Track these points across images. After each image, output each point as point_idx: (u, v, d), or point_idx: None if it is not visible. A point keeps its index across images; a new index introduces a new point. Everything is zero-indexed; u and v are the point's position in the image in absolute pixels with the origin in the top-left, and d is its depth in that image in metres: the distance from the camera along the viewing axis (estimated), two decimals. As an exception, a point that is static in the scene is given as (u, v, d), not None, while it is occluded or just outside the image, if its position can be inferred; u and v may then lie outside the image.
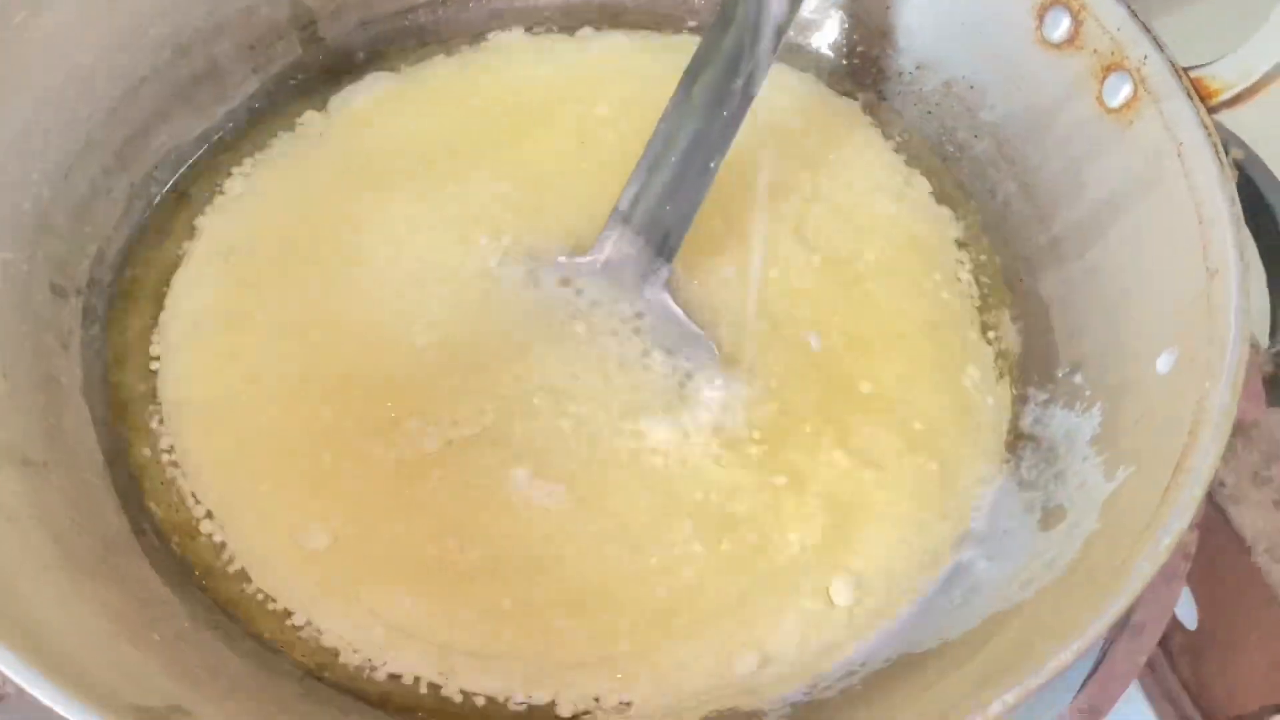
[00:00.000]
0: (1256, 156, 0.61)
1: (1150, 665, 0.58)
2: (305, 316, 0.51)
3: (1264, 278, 0.60)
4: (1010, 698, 0.34)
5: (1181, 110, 0.46)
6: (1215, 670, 0.56)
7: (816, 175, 0.56)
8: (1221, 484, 0.53)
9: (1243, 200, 0.61)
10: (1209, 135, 0.45)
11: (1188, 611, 0.57)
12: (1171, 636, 0.58)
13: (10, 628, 0.36)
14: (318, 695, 0.44)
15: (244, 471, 0.48)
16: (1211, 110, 0.46)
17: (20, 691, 0.35)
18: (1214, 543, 0.53)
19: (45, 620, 0.38)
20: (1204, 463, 0.39)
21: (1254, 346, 0.56)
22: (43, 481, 0.44)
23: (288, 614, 0.46)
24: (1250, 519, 0.52)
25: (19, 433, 0.44)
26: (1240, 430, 0.53)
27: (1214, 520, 0.53)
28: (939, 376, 0.51)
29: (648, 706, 0.44)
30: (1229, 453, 0.53)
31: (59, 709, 0.34)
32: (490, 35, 0.61)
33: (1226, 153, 0.60)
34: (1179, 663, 0.57)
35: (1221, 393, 0.40)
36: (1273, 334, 0.57)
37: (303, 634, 0.45)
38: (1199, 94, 0.47)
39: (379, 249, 0.53)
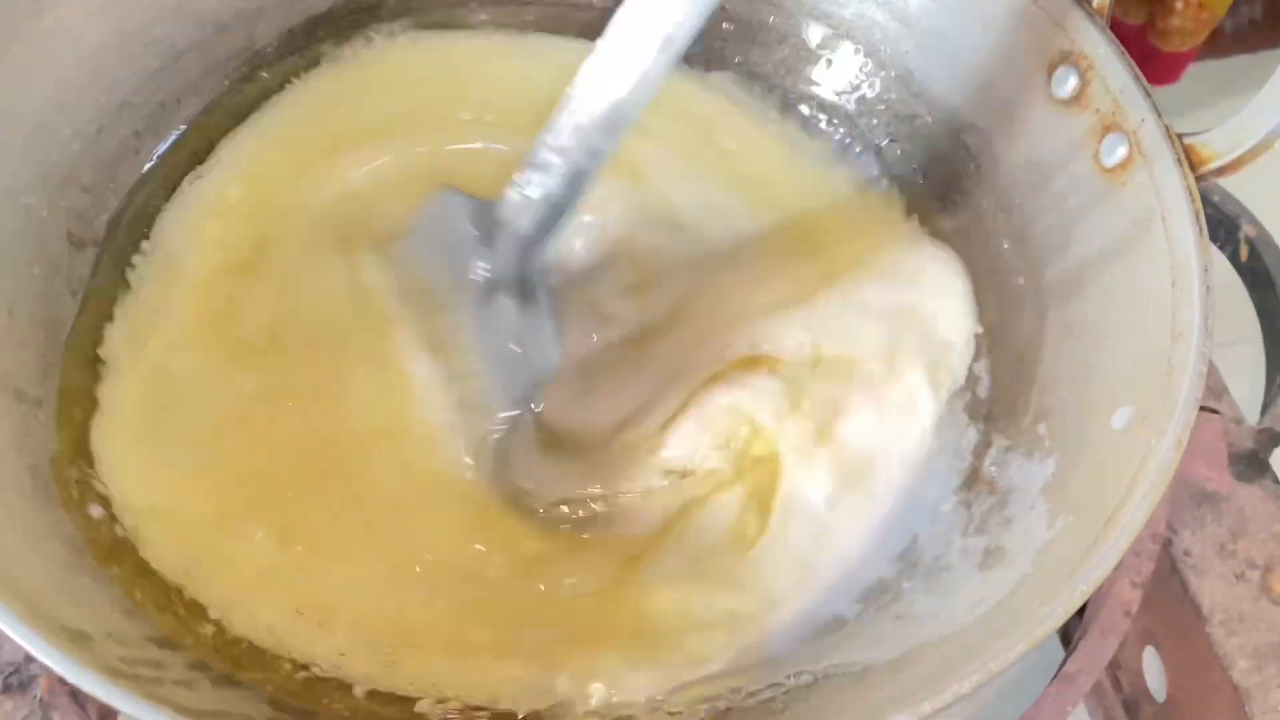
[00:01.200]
0: (1268, 234, 0.62)
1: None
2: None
3: (1263, 356, 0.60)
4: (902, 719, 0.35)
5: (1170, 175, 0.47)
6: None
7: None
8: (1187, 554, 0.53)
9: (1250, 276, 0.62)
10: (1192, 202, 0.46)
11: (1158, 683, 0.56)
12: (1140, 707, 0.58)
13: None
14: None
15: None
16: (1200, 178, 0.47)
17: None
18: (1183, 614, 0.53)
19: (10, 545, 0.40)
20: (1135, 516, 0.39)
21: (1238, 422, 0.56)
22: (31, 417, 0.46)
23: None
24: (1210, 590, 0.52)
25: (14, 365, 0.47)
26: (1210, 502, 0.54)
27: (1180, 590, 0.53)
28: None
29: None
30: (1197, 524, 0.54)
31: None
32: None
33: (1238, 227, 0.61)
34: (1148, 734, 0.57)
35: (1165, 451, 0.41)
36: (1263, 412, 0.57)
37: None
38: (1190, 161, 0.47)
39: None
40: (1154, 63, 0.77)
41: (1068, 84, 0.52)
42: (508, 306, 0.50)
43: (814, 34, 0.61)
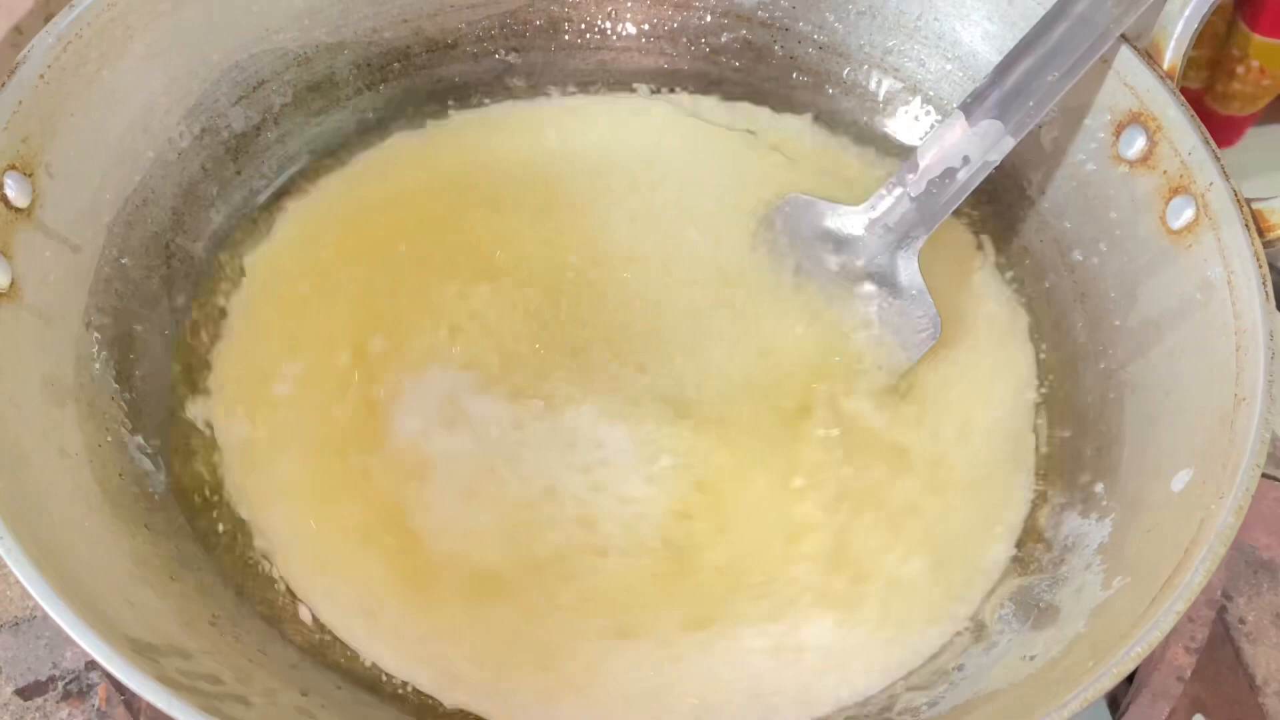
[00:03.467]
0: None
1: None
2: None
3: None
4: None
5: (1238, 240, 0.47)
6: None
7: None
8: (1242, 621, 0.52)
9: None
10: (1260, 267, 0.46)
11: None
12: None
13: (42, 556, 0.39)
14: (313, 666, 0.46)
15: (276, 464, 0.51)
16: (1267, 244, 0.47)
17: (46, 616, 0.39)
18: (1235, 683, 0.52)
19: (76, 555, 0.41)
20: (1193, 581, 0.39)
21: (1298, 489, 0.56)
22: (102, 429, 0.47)
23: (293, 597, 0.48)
24: (1264, 660, 0.51)
25: (90, 378, 0.48)
26: (1268, 570, 0.53)
27: (1233, 658, 0.52)
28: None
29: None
30: (1253, 591, 0.53)
31: (66, 628, 0.37)
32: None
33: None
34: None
35: (1225, 515, 0.40)
36: (1324, 480, 0.56)
37: (302, 615, 0.48)
38: (1257, 226, 0.47)
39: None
40: (1212, 125, 0.77)
41: (1135, 144, 0.52)
42: (872, 294, 0.55)
43: (886, 88, 0.62)
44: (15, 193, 0.46)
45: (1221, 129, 0.78)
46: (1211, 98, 0.77)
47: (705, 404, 0.54)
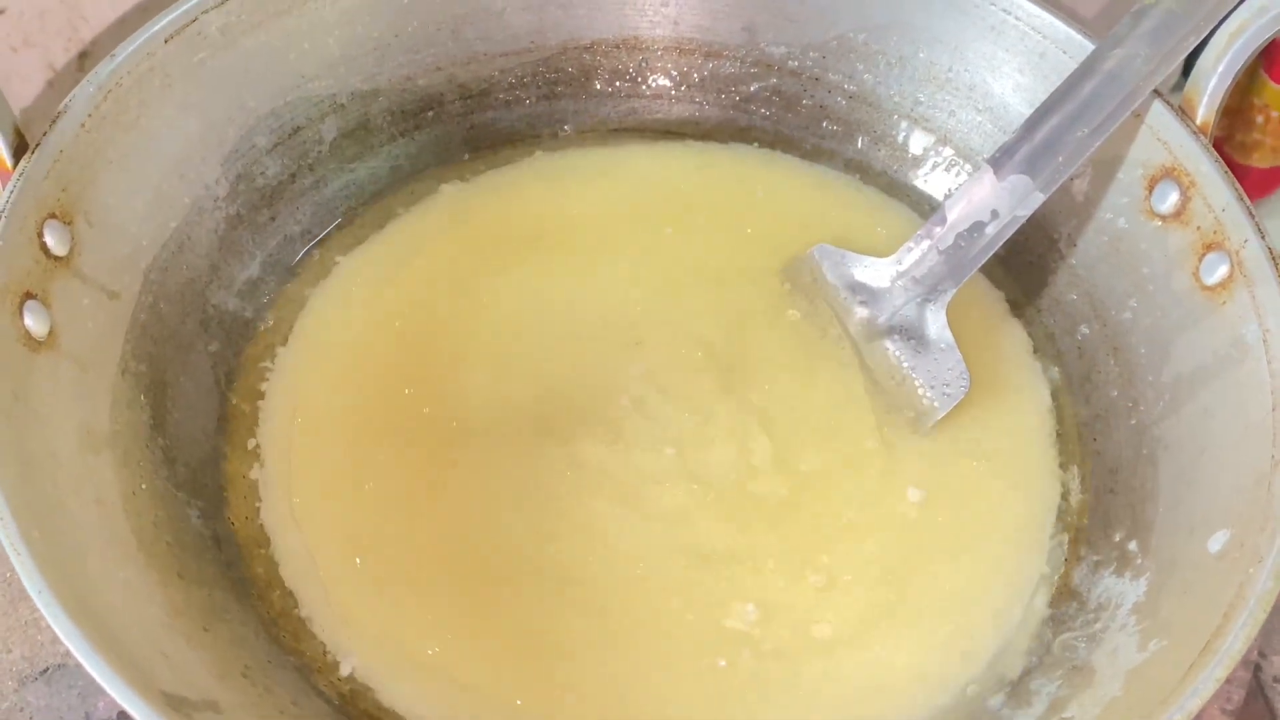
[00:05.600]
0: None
1: None
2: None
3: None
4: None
5: (1274, 298, 0.47)
6: None
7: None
8: (1277, 680, 0.52)
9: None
10: (1295, 326, 0.46)
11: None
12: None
13: (77, 605, 0.39)
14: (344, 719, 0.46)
15: (313, 513, 0.51)
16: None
17: (79, 664, 0.39)
18: (1269, 740, 0.52)
19: (110, 604, 0.41)
20: (1232, 646, 0.39)
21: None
22: (137, 476, 0.47)
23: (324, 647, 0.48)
24: (1300, 719, 0.51)
25: (126, 425, 0.48)
26: (1305, 628, 0.53)
27: (1267, 716, 0.52)
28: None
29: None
30: (1291, 650, 0.53)
31: (100, 680, 0.37)
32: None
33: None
34: None
35: (1263, 579, 0.40)
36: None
37: (339, 667, 0.48)
38: (1294, 283, 0.47)
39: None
40: (1239, 175, 0.77)
41: (1169, 199, 0.52)
42: (900, 347, 0.55)
43: (916, 140, 0.62)
44: (55, 241, 0.47)
45: (1244, 180, 0.78)
46: (1231, 147, 0.77)
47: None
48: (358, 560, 0.50)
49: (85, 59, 0.62)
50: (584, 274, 0.59)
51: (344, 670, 0.48)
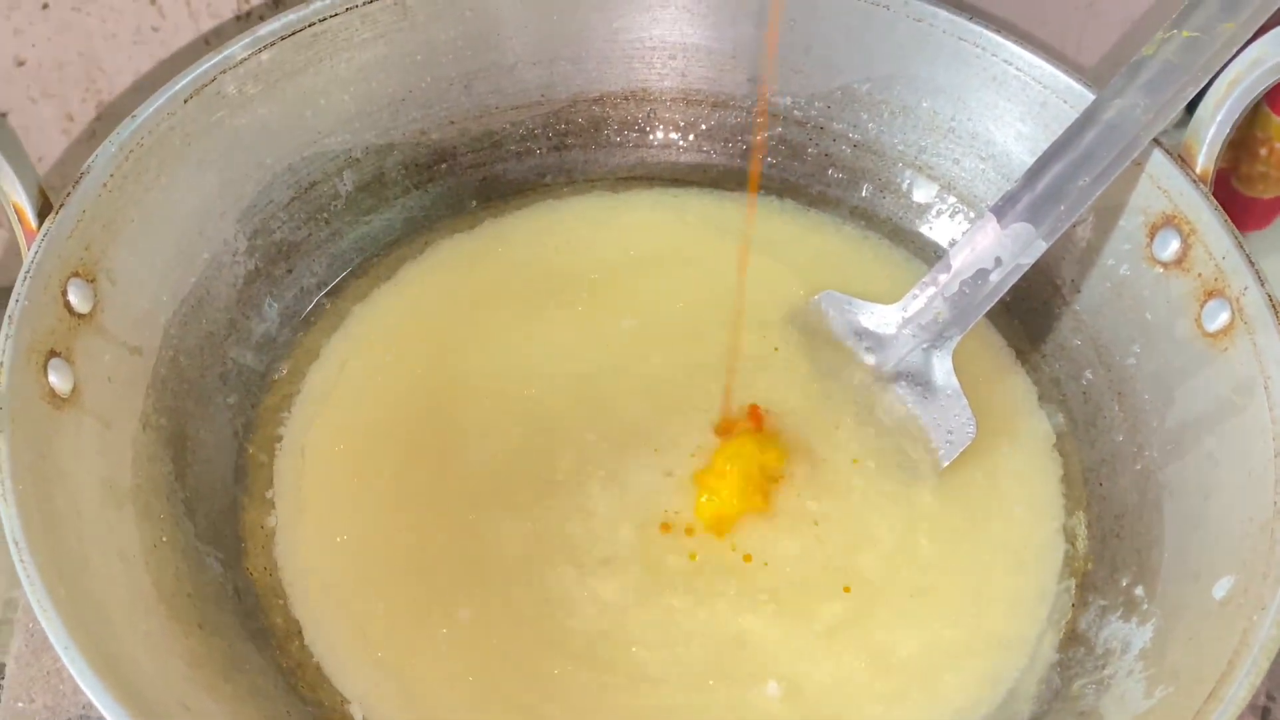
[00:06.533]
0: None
1: None
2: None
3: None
4: None
5: (1274, 344, 0.47)
6: None
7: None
8: (1285, 723, 0.52)
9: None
10: (1296, 373, 0.46)
11: None
12: None
13: (101, 659, 0.40)
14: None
15: (332, 565, 0.52)
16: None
17: (102, 717, 0.39)
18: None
19: (132, 656, 0.42)
20: (1236, 693, 0.39)
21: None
22: (159, 529, 0.48)
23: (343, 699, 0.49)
24: (1308, 763, 0.51)
25: (147, 479, 0.49)
26: (1312, 672, 0.53)
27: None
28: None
29: None
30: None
31: (127, 737, 0.38)
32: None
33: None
34: None
35: (1267, 627, 0.41)
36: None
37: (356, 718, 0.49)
38: (1294, 327, 0.48)
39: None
40: (1238, 207, 0.77)
41: (1169, 247, 0.53)
42: (906, 394, 0.56)
43: (920, 188, 0.63)
44: (78, 299, 0.48)
45: (1249, 211, 0.79)
46: (1236, 179, 0.78)
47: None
48: (373, 607, 0.50)
49: (102, 110, 0.63)
50: (593, 322, 0.59)
51: (356, 717, 0.48)
